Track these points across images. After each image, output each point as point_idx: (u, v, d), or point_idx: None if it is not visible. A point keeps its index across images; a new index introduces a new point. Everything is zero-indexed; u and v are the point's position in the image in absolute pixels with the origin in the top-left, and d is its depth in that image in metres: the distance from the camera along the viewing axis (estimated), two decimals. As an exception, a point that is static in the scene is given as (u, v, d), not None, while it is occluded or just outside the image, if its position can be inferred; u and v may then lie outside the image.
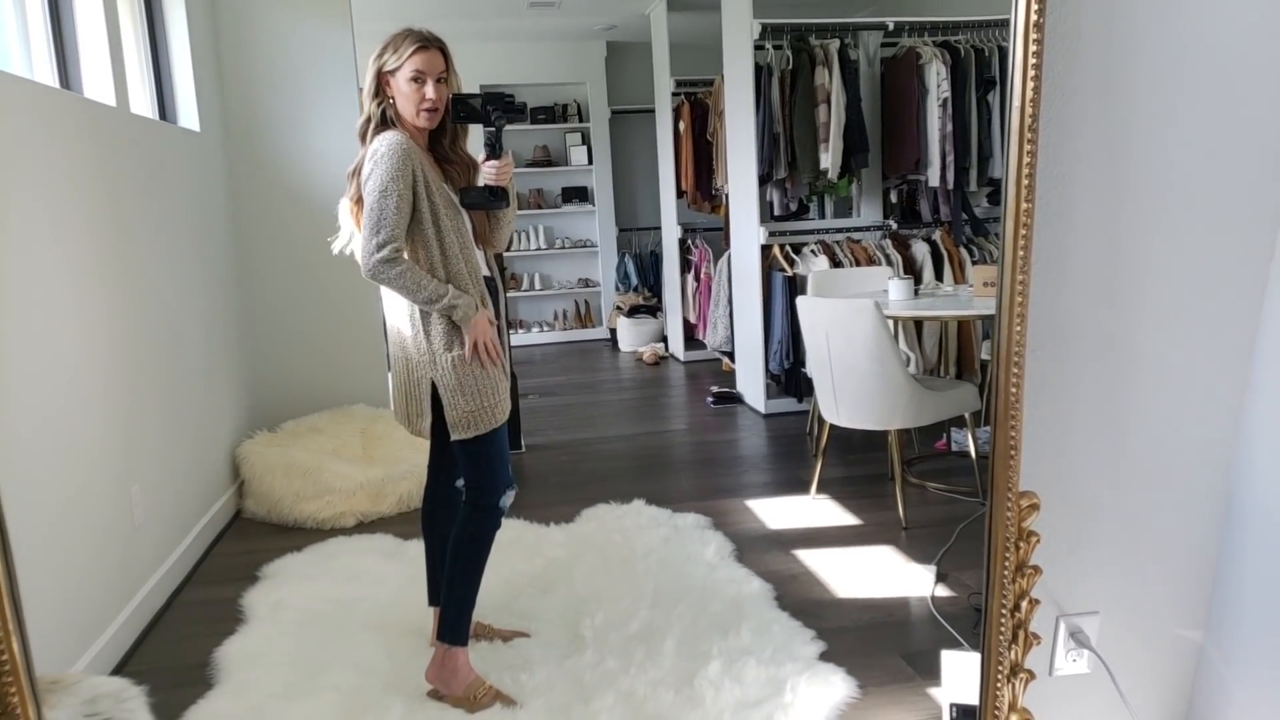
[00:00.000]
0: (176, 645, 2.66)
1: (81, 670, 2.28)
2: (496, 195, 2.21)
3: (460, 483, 2.33)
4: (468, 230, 2.24)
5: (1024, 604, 1.41)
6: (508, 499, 2.26)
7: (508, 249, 2.47)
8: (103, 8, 2.86)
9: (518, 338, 7.55)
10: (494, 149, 2.19)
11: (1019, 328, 1.31)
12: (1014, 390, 1.33)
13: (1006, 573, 1.37)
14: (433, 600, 2.50)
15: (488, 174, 2.20)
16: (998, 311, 1.34)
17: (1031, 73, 1.24)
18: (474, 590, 2.29)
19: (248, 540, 3.50)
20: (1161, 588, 1.67)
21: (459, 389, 2.16)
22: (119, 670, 2.50)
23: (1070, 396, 1.52)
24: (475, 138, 2.31)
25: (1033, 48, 1.23)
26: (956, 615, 2.56)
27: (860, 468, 3.94)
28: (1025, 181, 1.27)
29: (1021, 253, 1.29)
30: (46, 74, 2.70)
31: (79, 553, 2.41)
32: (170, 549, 3.04)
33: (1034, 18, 1.22)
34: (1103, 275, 1.48)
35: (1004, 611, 1.39)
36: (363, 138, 2.18)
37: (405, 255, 2.12)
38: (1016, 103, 1.28)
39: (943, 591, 2.72)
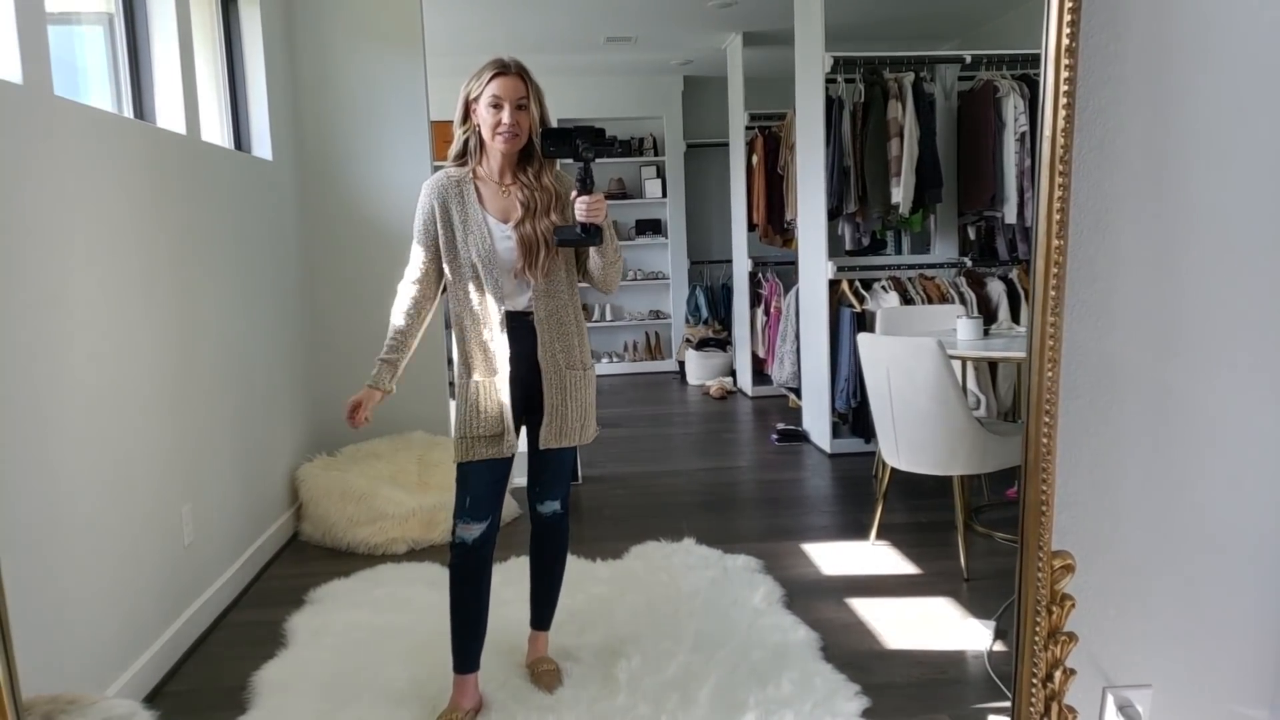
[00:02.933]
0: (217, 667, 2.68)
1: (115, 690, 2.31)
2: (589, 232, 2.15)
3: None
4: (500, 262, 2.23)
5: (1057, 674, 1.29)
6: (465, 531, 2.25)
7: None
8: (178, 43, 2.97)
9: (588, 369, 7.53)
10: (584, 184, 2.13)
11: (1050, 373, 1.20)
12: (1045, 440, 1.22)
13: (1038, 639, 1.25)
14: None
15: (579, 210, 2.14)
16: (1028, 355, 1.24)
17: (1064, 100, 1.15)
18: (455, 620, 2.29)
19: (302, 563, 3.54)
20: (1223, 661, 1.51)
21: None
22: (159, 690, 2.53)
23: (1116, 449, 1.39)
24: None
25: (1065, 74, 1.14)
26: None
27: (925, 514, 3.77)
28: (1057, 217, 1.17)
29: (1054, 293, 1.19)
30: (124, 105, 2.82)
31: (125, 570, 2.45)
32: (221, 570, 3.08)
33: (1065, 42, 1.13)
34: (1155, 319, 1.36)
35: (1035, 682, 1.28)
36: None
37: (415, 289, 2.29)
38: (1047, 132, 1.18)
39: (1001, 648, 2.56)
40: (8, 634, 1.12)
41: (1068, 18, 1.12)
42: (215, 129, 3.52)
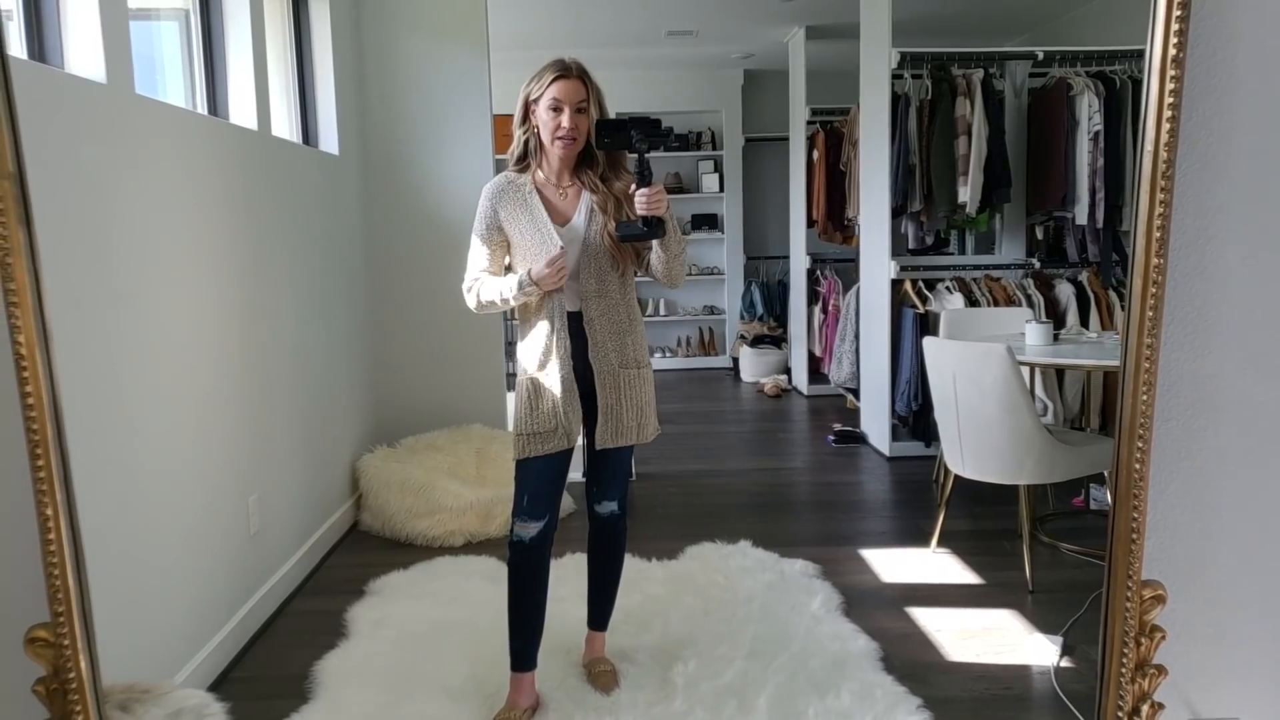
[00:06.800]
0: (280, 655, 2.72)
1: (184, 675, 2.36)
2: (651, 226, 2.11)
3: None
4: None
5: (1144, 708, 1.24)
6: (523, 530, 2.25)
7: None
8: (251, 41, 3.01)
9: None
10: (643, 176, 2.09)
11: (1145, 396, 1.16)
12: (1138, 466, 1.17)
13: (1125, 671, 1.21)
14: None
15: (639, 204, 2.10)
16: (1121, 376, 1.19)
17: (1168, 113, 1.10)
18: (513, 618, 2.30)
19: (361, 554, 3.58)
20: (1318, 698, 1.45)
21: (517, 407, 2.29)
22: (224, 676, 2.58)
23: (1210, 474, 1.33)
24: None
25: (1170, 85, 1.09)
26: (1082, 694, 2.33)
27: (988, 521, 3.69)
28: (1157, 234, 1.12)
29: (1150, 313, 1.14)
30: (199, 101, 2.87)
31: (196, 558, 2.50)
32: (284, 558, 3.13)
33: (1173, 51, 1.08)
34: (1255, 341, 1.29)
35: (1121, 716, 1.23)
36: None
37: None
38: (1149, 146, 1.13)
39: (1069, 665, 2.49)
40: (91, 628, 1.14)
41: (1175, 26, 1.07)
42: (284, 124, 3.57)
